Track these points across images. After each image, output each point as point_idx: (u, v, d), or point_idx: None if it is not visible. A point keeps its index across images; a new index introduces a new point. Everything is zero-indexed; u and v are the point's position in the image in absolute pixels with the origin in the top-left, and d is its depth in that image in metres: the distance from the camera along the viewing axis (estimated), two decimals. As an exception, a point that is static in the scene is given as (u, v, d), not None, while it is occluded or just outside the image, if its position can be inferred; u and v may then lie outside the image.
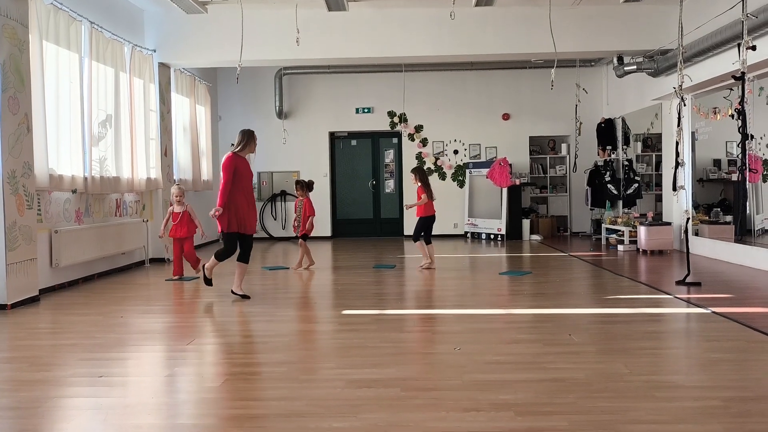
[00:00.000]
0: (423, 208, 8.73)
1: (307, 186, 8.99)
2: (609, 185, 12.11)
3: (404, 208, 9.08)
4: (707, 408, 3.23)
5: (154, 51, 9.90)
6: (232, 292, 6.70)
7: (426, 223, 8.78)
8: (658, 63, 9.73)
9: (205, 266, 6.81)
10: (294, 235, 9.26)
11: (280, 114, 13.57)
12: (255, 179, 13.83)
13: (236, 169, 6.47)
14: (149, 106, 9.70)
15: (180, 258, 8.18)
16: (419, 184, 8.78)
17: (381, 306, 6.15)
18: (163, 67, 10.15)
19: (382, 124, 13.83)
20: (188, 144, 11.34)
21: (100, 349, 4.67)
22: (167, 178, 10.20)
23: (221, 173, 6.56)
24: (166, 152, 10.23)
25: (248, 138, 6.64)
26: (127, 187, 8.91)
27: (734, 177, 9.06)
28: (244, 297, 6.64)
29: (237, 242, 6.64)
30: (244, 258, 6.68)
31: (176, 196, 8.22)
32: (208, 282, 6.84)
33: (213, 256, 6.72)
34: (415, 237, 8.86)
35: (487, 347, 4.57)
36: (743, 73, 6.22)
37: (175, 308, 6.36)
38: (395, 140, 14.08)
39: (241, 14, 8.78)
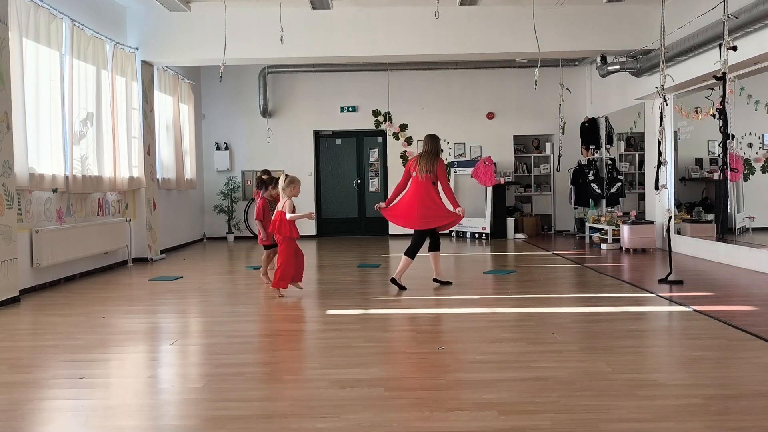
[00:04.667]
0: None
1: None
2: (592, 184, 12.19)
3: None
4: (688, 406, 3.25)
5: (137, 49, 9.82)
6: (393, 281, 7.00)
7: None
8: (641, 63, 9.80)
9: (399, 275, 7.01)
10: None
11: (265, 113, 13.52)
12: (239, 178, 13.79)
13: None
14: (131, 104, 9.62)
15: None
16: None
17: (365, 305, 6.14)
18: (146, 65, 10.08)
19: (366, 123, 13.82)
20: (171, 143, 11.26)
21: (81, 350, 4.63)
22: (150, 177, 10.13)
23: (425, 176, 6.89)
24: (149, 151, 10.16)
25: (439, 142, 7.13)
26: (110, 186, 8.83)
27: (716, 176, 9.15)
28: (402, 288, 6.95)
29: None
30: (414, 252, 7.05)
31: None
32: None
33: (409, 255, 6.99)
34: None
35: (470, 346, 4.58)
36: (724, 74, 6.28)
37: (157, 308, 6.31)
38: (380, 139, 14.07)
39: (224, 12, 8.74)
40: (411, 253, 7.01)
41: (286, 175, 6.74)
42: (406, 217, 7.03)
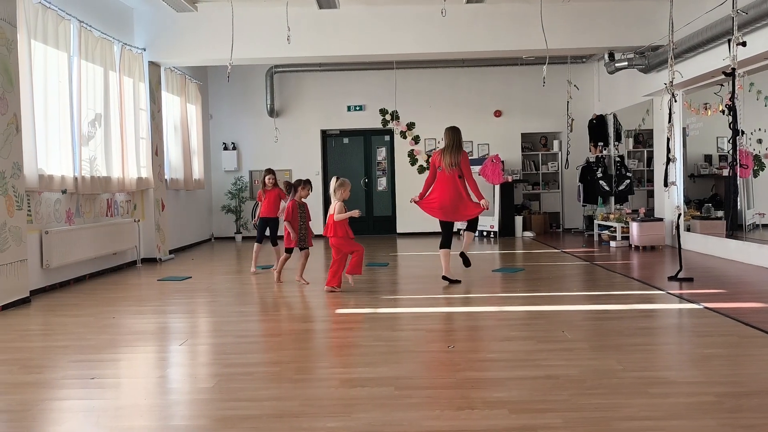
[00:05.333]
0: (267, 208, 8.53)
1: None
2: (601, 181, 12.14)
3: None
4: (700, 404, 3.23)
5: (144, 50, 9.84)
6: (444, 277, 7.15)
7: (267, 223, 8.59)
8: (649, 59, 9.75)
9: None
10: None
11: (272, 112, 13.53)
12: (247, 178, 13.80)
13: None
14: (139, 104, 9.64)
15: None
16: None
17: (374, 305, 6.13)
18: (153, 66, 10.10)
19: (373, 122, 13.82)
20: (179, 143, 11.29)
21: (91, 350, 4.64)
22: (158, 177, 10.15)
23: (451, 170, 7.08)
24: (157, 151, 10.18)
25: (460, 133, 7.37)
26: (118, 186, 8.85)
27: (725, 172, 9.09)
28: (455, 281, 7.12)
29: None
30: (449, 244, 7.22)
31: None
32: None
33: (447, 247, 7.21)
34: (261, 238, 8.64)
35: (480, 345, 4.57)
36: (734, 69, 6.24)
37: (166, 309, 6.32)
38: (387, 138, 14.06)
39: (231, 12, 8.74)
40: (473, 228, 7.41)
41: (337, 178, 6.90)
42: (442, 210, 7.14)
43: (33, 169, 6.79)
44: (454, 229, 7.50)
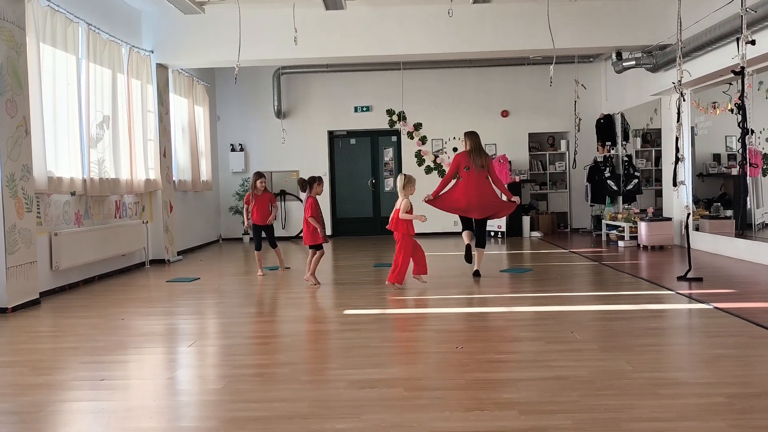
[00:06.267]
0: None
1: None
2: (609, 181, 12.10)
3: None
4: (711, 405, 3.22)
5: (152, 52, 9.87)
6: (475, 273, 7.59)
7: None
8: (657, 58, 9.71)
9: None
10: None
11: (279, 113, 13.55)
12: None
13: None
14: (147, 107, 9.67)
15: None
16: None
17: (382, 305, 6.13)
18: (161, 68, 10.13)
19: (380, 123, 13.81)
20: (187, 145, 11.32)
21: (101, 351, 4.66)
22: (166, 179, 10.18)
23: (480, 170, 7.42)
24: (165, 153, 10.21)
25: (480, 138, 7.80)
26: (126, 188, 8.88)
27: (734, 171, 9.05)
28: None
29: None
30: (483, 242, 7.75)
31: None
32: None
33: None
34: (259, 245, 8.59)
35: (489, 346, 4.56)
36: (743, 68, 6.20)
37: (175, 310, 6.34)
38: (394, 138, 14.06)
39: (238, 14, 8.76)
40: (482, 244, 7.69)
41: (404, 175, 7.03)
42: (468, 206, 7.42)
43: (42, 171, 6.82)
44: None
